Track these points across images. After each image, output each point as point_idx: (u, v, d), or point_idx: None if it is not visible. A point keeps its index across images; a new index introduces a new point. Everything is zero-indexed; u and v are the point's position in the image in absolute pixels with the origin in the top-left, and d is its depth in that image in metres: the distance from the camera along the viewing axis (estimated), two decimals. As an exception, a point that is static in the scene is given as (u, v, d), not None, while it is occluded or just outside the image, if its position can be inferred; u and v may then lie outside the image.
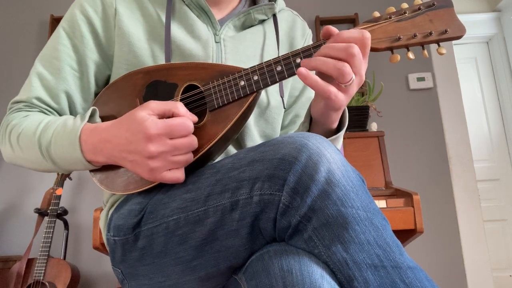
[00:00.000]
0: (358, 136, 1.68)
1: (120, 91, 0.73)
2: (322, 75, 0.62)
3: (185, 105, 0.67)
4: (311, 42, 0.93)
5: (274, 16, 0.86)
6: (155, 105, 0.62)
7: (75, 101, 0.76)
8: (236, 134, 0.70)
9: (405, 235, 1.32)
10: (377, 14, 0.66)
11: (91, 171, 0.72)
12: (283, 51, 0.87)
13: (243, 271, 0.57)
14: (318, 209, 0.50)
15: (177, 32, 0.76)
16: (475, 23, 3.30)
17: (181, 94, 0.69)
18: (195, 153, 0.65)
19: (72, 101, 0.76)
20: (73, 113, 0.77)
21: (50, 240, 1.84)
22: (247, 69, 0.66)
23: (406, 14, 0.65)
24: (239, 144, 0.79)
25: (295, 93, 0.89)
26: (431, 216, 2.22)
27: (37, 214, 1.96)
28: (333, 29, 0.64)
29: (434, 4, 0.65)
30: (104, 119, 0.72)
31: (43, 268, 1.79)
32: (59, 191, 1.94)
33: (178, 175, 0.62)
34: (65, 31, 0.76)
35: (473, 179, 2.26)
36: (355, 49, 0.58)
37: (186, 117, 0.62)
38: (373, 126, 1.83)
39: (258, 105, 0.79)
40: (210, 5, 0.81)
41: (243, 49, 0.80)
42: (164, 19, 0.76)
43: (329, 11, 2.54)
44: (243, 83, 0.66)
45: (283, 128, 0.90)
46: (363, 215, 0.50)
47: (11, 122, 0.72)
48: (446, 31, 0.64)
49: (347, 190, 0.51)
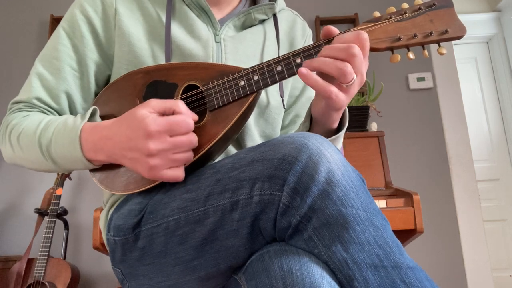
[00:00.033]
0: (358, 136, 1.68)
1: (120, 91, 0.73)
2: (324, 75, 0.62)
3: None
4: (311, 42, 0.93)
5: (274, 16, 0.86)
6: (156, 103, 0.62)
7: (75, 101, 0.76)
8: (236, 134, 0.70)
9: (405, 235, 1.32)
10: (377, 14, 0.66)
11: (91, 170, 0.72)
12: (283, 51, 0.87)
13: (243, 271, 0.57)
14: (318, 209, 0.50)
15: (177, 32, 0.76)
16: (475, 23, 3.30)
17: (181, 94, 0.69)
18: (195, 153, 0.65)
19: (72, 101, 0.76)
20: (73, 113, 0.77)
21: (50, 240, 1.84)
22: (247, 69, 0.66)
23: (407, 14, 0.65)
24: (239, 144, 0.79)
25: (296, 93, 0.89)
26: (431, 216, 2.22)
27: (37, 214, 1.96)
28: (333, 29, 0.64)
29: (435, 4, 0.65)
30: (104, 118, 0.72)
31: (43, 268, 1.79)
32: (59, 191, 1.94)
33: (178, 173, 0.62)
34: (65, 31, 0.76)
35: (473, 179, 2.26)
36: (356, 49, 0.58)
37: (186, 115, 0.62)
38: (373, 126, 1.83)
39: (258, 104, 0.79)
40: (210, 5, 0.81)
41: (243, 49, 0.80)
42: (164, 19, 0.76)
43: (329, 11, 2.54)
44: (243, 83, 0.66)
45: (283, 128, 0.90)
46: (363, 215, 0.50)
47: (11, 122, 0.72)
48: (446, 31, 0.64)
49: (347, 190, 0.51)
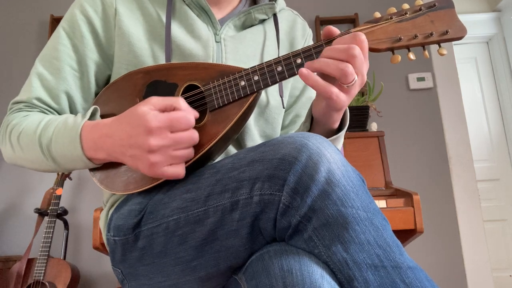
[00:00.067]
0: (358, 136, 1.68)
1: (120, 91, 0.73)
2: (325, 76, 0.62)
3: None
4: (311, 42, 0.93)
5: (275, 15, 0.86)
6: (156, 100, 0.62)
7: (75, 101, 0.76)
8: (236, 134, 0.70)
9: (405, 235, 1.32)
10: (378, 14, 0.66)
11: (91, 170, 0.72)
12: (283, 50, 0.87)
13: (243, 271, 0.57)
14: (318, 209, 0.50)
15: (177, 31, 0.76)
16: (475, 23, 3.30)
17: (181, 94, 0.69)
18: (195, 153, 0.65)
19: (73, 101, 0.76)
20: (73, 113, 0.77)
21: (50, 240, 1.84)
22: (248, 69, 0.66)
23: (407, 15, 0.65)
24: (239, 144, 0.79)
25: (296, 93, 0.89)
26: (431, 216, 2.22)
27: (37, 214, 1.96)
28: (334, 29, 0.64)
29: (435, 5, 0.65)
30: (104, 118, 0.72)
31: (43, 268, 1.79)
32: (59, 191, 1.94)
33: (179, 170, 0.62)
34: (65, 31, 0.76)
35: (473, 179, 2.26)
36: (356, 50, 0.58)
37: (187, 111, 0.62)
38: (373, 126, 1.83)
39: (258, 104, 0.79)
40: (210, 4, 0.81)
41: (243, 49, 0.80)
42: (164, 19, 0.76)
43: (329, 11, 2.54)
44: (243, 83, 0.66)
45: (283, 128, 0.90)
46: (363, 215, 0.50)
47: (11, 122, 0.72)
48: (447, 31, 0.64)
49: (347, 190, 0.51)
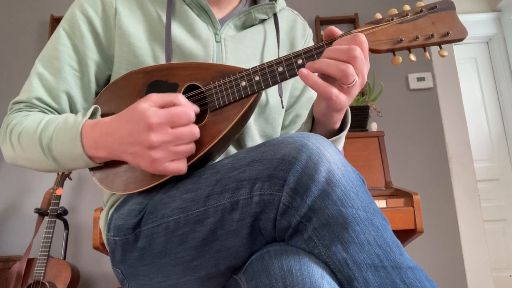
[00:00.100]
0: (358, 136, 1.68)
1: (120, 91, 0.73)
2: (326, 77, 0.62)
3: None
4: (311, 42, 0.93)
5: (275, 15, 0.86)
6: (156, 96, 0.62)
7: (75, 101, 0.76)
8: (237, 134, 0.70)
9: (405, 235, 1.32)
10: (379, 15, 0.66)
11: (91, 170, 0.72)
12: (283, 50, 0.87)
13: (243, 271, 0.57)
14: (318, 209, 0.50)
15: (178, 31, 0.76)
16: (475, 23, 3.30)
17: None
18: (196, 153, 0.65)
19: (73, 101, 0.76)
20: (73, 113, 0.77)
21: (50, 240, 1.84)
22: (249, 69, 0.66)
23: (408, 16, 0.65)
24: (239, 144, 0.79)
25: (296, 93, 0.89)
26: (431, 216, 2.22)
27: (37, 214, 1.96)
28: (335, 30, 0.64)
29: (436, 6, 0.65)
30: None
31: (43, 268, 1.79)
32: (59, 191, 1.94)
33: (181, 166, 0.62)
34: (65, 31, 0.76)
35: (473, 179, 2.26)
36: (357, 51, 0.58)
37: (187, 106, 0.62)
38: (373, 126, 1.83)
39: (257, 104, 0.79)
40: (211, 4, 0.81)
41: (243, 49, 0.80)
42: (164, 19, 0.76)
43: (329, 11, 2.54)
44: (244, 83, 0.66)
45: (283, 128, 0.90)
46: (363, 215, 0.50)
47: (11, 122, 0.72)
48: (448, 33, 0.64)
49: (347, 190, 0.51)
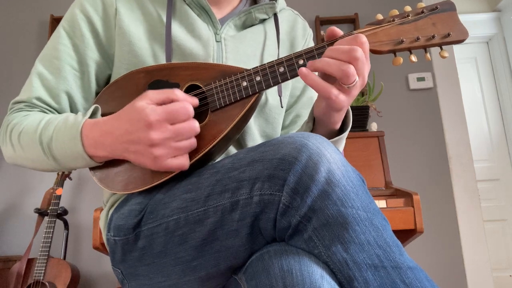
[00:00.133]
0: (358, 136, 1.68)
1: (121, 90, 0.73)
2: (326, 76, 0.62)
3: None
4: (312, 42, 0.93)
5: (275, 15, 0.86)
6: (153, 94, 0.62)
7: (76, 100, 0.76)
8: (237, 134, 0.70)
9: (405, 235, 1.32)
10: (380, 16, 0.66)
11: (92, 169, 0.72)
12: (283, 50, 0.87)
13: (243, 271, 0.57)
14: (318, 209, 0.50)
15: (178, 31, 0.76)
16: (475, 23, 3.30)
17: (182, 94, 0.69)
18: (196, 153, 0.65)
19: (73, 101, 0.76)
20: (74, 112, 0.77)
21: (50, 240, 1.84)
22: (250, 69, 0.66)
23: (409, 17, 0.65)
24: (239, 144, 0.79)
25: (296, 93, 0.89)
26: (431, 216, 2.22)
27: (37, 214, 1.96)
28: (337, 30, 0.64)
29: (437, 7, 0.65)
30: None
31: (43, 268, 1.79)
32: (59, 191, 1.94)
33: (183, 161, 0.62)
34: (65, 31, 0.76)
35: (473, 179, 2.26)
36: (359, 51, 0.58)
37: (185, 101, 0.62)
38: (373, 126, 1.83)
39: (257, 104, 0.79)
40: (211, 4, 0.81)
41: (243, 49, 0.80)
42: (164, 18, 0.76)
43: (329, 11, 2.54)
44: (245, 83, 0.66)
45: (284, 128, 0.90)
46: (363, 215, 0.50)
47: (11, 121, 0.72)
48: (449, 34, 0.64)
49: (347, 190, 0.51)
